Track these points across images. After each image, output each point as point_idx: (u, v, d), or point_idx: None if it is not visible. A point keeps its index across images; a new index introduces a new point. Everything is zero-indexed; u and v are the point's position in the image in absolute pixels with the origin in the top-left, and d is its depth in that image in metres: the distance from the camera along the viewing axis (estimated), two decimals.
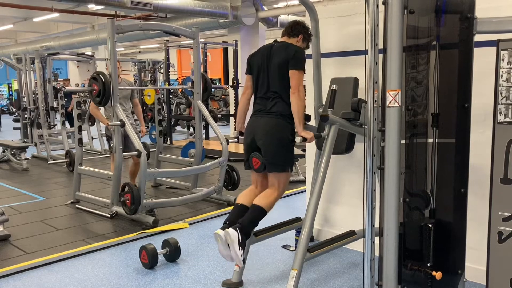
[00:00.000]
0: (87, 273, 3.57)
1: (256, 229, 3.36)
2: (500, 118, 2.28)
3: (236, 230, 2.95)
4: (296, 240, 3.91)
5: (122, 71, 5.18)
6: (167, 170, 6.06)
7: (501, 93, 2.27)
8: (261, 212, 3.08)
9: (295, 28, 3.28)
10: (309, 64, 3.83)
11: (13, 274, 3.57)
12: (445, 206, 2.41)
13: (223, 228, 3.03)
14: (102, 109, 5.37)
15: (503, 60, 2.25)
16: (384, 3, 2.18)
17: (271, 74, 3.15)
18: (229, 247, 2.95)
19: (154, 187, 6.42)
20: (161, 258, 3.72)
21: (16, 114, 11.90)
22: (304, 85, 3.23)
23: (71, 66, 22.29)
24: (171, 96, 11.83)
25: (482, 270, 2.46)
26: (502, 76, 2.26)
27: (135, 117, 6.00)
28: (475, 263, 2.92)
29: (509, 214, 2.27)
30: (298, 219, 3.72)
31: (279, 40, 3.30)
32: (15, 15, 15.23)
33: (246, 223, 3.03)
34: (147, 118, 12.39)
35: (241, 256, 2.97)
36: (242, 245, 2.95)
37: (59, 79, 13.42)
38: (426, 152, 2.38)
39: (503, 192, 2.28)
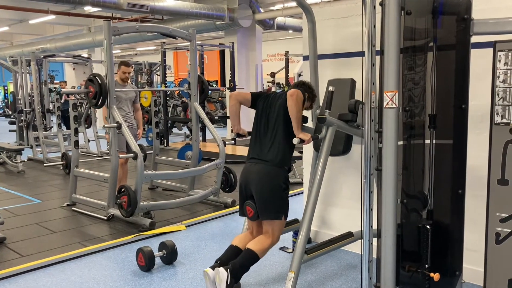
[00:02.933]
0: (84, 276, 3.55)
1: None
2: (497, 119, 2.28)
3: (227, 271, 2.94)
4: (294, 242, 3.90)
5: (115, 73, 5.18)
6: (164, 172, 6.04)
7: (498, 94, 2.27)
8: (253, 258, 3.07)
9: (300, 86, 3.28)
10: (306, 66, 3.84)
11: (9, 277, 3.55)
12: (442, 207, 2.41)
13: (213, 267, 3.02)
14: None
15: (499, 61, 2.26)
16: (381, 4, 2.18)
17: (272, 115, 3.15)
18: (216, 286, 2.94)
19: (150, 189, 6.39)
20: (158, 260, 3.71)
21: (12, 116, 11.84)
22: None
23: (68, 68, 22.22)
24: (167, 98, 11.80)
25: (480, 271, 2.46)
26: (499, 77, 2.26)
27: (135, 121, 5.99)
28: (472, 264, 2.92)
29: (507, 215, 2.27)
30: (295, 221, 3.71)
31: None
32: (11, 17, 15.19)
33: (237, 266, 3.01)
34: (144, 120, 12.36)
35: None
36: (230, 287, 2.93)
37: (55, 81, 13.41)
38: (424, 153, 2.39)
39: (501, 193, 2.28)
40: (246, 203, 3.15)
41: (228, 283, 2.91)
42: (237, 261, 3.04)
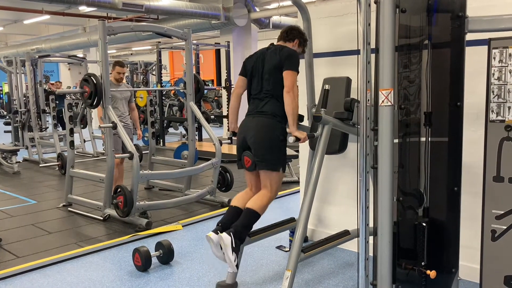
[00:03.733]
0: (80, 277, 3.53)
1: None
2: (492, 116, 2.29)
3: (230, 235, 2.93)
4: (290, 241, 3.90)
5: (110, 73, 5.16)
6: (160, 172, 6.02)
7: (493, 92, 2.28)
8: (254, 216, 3.07)
9: (291, 33, 3.28)
10: (301, 64, 3.82)
11: (5, 278, 3.53)
12: (438, 204, 2.42)
13: (215, 231, 3.02)
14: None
15: (494, 58, 2.26)
16: (376, 2, 2.18)
17: (265, 75, 3.16)
18: (222, 249, 2.94)
19: (147, 189, 6.38)
20: (154, 260, 3.70)
21: (7, 117, 11.79)
22: (297, 86, 3.23)
23: (63, 68, 22.14)
24: (163, 98, 11.79)
25: (476, 268, 2.47)
26: (493, 74, 2.27)
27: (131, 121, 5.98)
28: (468, 261, 2.93)
29: (502, 212, 2.28)
30: (292, 220, 3.71)
31: (275, 44, 3.30)
32: (5, 18, 15.11)
33: (240, 227, 3.01)
34: (140, 120, 12.33)
35: (235, 261, 2.95)
36: (236, 250, 2.94)
37: (50, 82, 13.35)
38: (419, 151, 2.39)
39: (496, 190, 2.29)
40: (244, 153, 3.17)
41: (234, 245, 2.92)
42: (239, 222, 3.03)
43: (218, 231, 2.99)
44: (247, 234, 3.11)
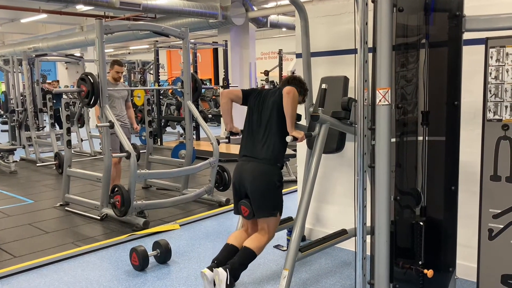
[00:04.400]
0: (77, 276, 3.53)
1: None
2: (489, 115, 2.29)
3: (226, 271, 2.93)
4: (288, 240, 3.90)
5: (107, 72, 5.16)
6: (157, 171, 6.02)
7: (490, 91, 2.28)
8: (251, 255, 3.07)
9: (292, 82, 3.26)
10: (299, 63, 3.83)
11: (1, 278, 3.52)
12: (435, 204, 2.42)
13: (210, 268, 3.01)
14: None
15: (491, 57, 2.26)
16: (373, 1, 2.18)
17: (265, 112, 3.14)
18: (215, 286, 2.92)
19: (144, 188, 6.37)
20: (151, 260, 3.69)
21: (4, 116, 11.76)
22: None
23: (60, 67, 22.09)
24: (161, 97, 11.76)
25: (473, 267, 2.47)
26: (491, 73, 2.27)
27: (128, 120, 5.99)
28: (466, 260, 2.93)
29: (499, 211, 2.28)
30: (289, 219, 3.71)
31: None
32: (2, 16, 15.07)
33: (236, 265, 3.01)
34: (137, 119, 12.31)
35: None
36: (229, 287, 2.93)
37: (47, 81, 13.31)
38: (416, 150, 2.39)
39: (493, 189, 2.29)
40: (241, 203, 3.15)
41: (228, 283, 2.91)
42: (235, 260, 3.03)
43: (214, 268, 2.98)
44: (241, 272, 3.07)
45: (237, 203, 3.21)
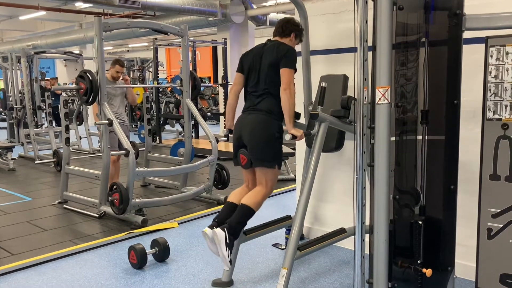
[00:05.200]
0: (75, 274, 3.52)
1: (246, 227, 3.35)
2: (489, 114, 2.29)
3: (224, 231, 2.93)
4: (287, 239, 3.89)
5: (107, 70, 5.15)
6: (156, 169, 6.01)
7: (489, 90, 2.28)
8: (248, 212, 3.07)
9: (286, 28, 3.25)
10: (298, 62, 3.81)
11: None
12: (434, 203, 2.41)
13: (211, 226, 3.02)
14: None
15: (491, 56, 2.26)
16: (373, 0, 2.17)
17: (262, 72, 3.14)
18: (216, 245, 2.94)
19: (143, 186, 6.37)
20: (150, 258, 3.69)
21: (2, 113, 11.74)
22: (294, 84, 3.21)
23: (59, 65, 22.07)
24: (160, 95, 11.75)
25: (472, 267, 2.47)
26: (490, 72, 2.27)
27: (127, 118, 6.00)
28: (464, 259, 2.93)
29: (498, 211, 2.28)
30: (288, 218, 3.71)
31: (271, 39, 3.28)
32: (1, 13, 15.02)
33: (234, 223, 3.01)
34: (136, 117, 12.31)
35: (228, 257, 2.95)
36: (230, 245, 2.93)
37: (46, 78, 13.28)
38: (416, 149, 2.38)
39: (492, 189, 2.29)
40: (240, 151, 3.16)
41: (227, 241, 2.92)
42: (233, 218, 3.03)
43: (214, 227, 2.99)
44: (241, 230, 3.11)
45: (236, 154, 3.20)
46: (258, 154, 3.08)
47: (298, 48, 3.81)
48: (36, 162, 8.24)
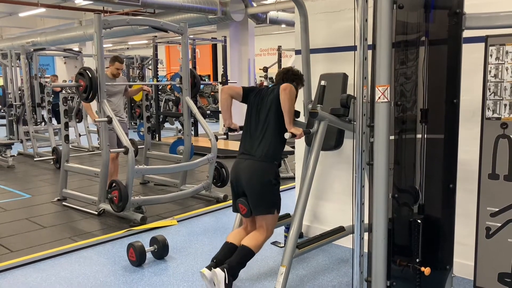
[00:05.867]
0: (74, 271, 3.52)
1: None
2: (488, 114, 2.29)
3: (224, 271, 2.93)
4: (285, 237, 3.90)
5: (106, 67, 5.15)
6: (155, 167, 6.01)
7: (489, 89, 2.28)
8: (249, 253, 3.07)
9: (287, 78, 3.25)
10: (298, 60, 3.82)
11: None
12: (433, 201, 2.42)
13: (209, 267, 3.01)
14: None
15: (491, 56, 2.26)
16: None
17: (263, 110, 3.13)
18: (215, 285, 2.93)
19: (142, 184, 6.37)
20: (149, 255, 3.69)
21: (2, 110, 11.73)
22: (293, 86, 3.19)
23: (58, 62, 22.03)
24: (159, 92, 11.74)
25: (470, 265, 2.48)
26: (490, 72, 2.27)
27: (126, 115, 6.01)
28: (463, 258, 2.94)
29: (497, 210, 2.29)
30: (287, 216, 3.71)
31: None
32: (0, 10, 15.00)
33: (234, 264, 3.01)
34: (135, 115, 12.30)
35: None
36: (228, 286, 2.93)
37: (46, 75, 13.27)
38: (415, 148, 2.38)
39: (491, 188, 2.30)
40: (239, 201, 3.14)
41: (227, 282, 2.91)
42: (233, 259, 3.03)
43: (212, 268, 2.99)
44: (239, 271, 3.08)
45: (235, 201, 3.20)
46: (258, 203, 3.08)
47: (298, 46, 3.82)
48: (35, 159, 8.24)
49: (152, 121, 9.85)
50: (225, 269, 2.93)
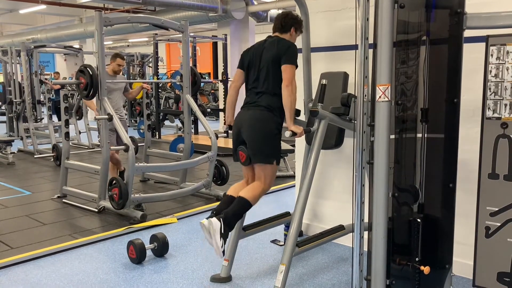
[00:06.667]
0: (74, 268, 3.53)
1: (245, 223, 3.36)
2: (489, 113, 2.30)
3: (220, 220, 2.94)
4: (285, 235, 3.91)
5: (107, 64, 5.15)
6: (155, 165, 6.01)
7: (489, 89, 2.28)
8: (245, 204, 3.07)
9: (286, 23, 3.24)
10: (299, 58, 3.81)
11: None
12: (433, 201, 2.42)
13: (209, 218, 3.02)
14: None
15: (492, 55, 2.26)
16: None
17: (262, 68, 3.14)
18: (211, 235, 2.95)
19: (142, 181, 6.37)
20: (149, 253, 3.70)
21: (2, 107, 11.72)
22: (295, 80, 3.21)
23: (59, 59, 22.01)
24: (159, 90, 11.74)
25: (470, 265, 2.48)
26: (491, 71, 2.27)
27: (125, 113, 6.00)
28: (462, 257, 2.94)
29: (497, 209, 2.29)
30: (287, 214, 3.72)
31: (272, 35, 3.28)
32: (1, 7, 15.00)
33: (230, 214, 3.01)
34: (136, 112, 12.30)
35: (222, 247, 2.95)
36: (224, 236, 2.93)
37: (46, 72, 13.25)
38: (415, 147, 2.39)
39: (491, 187, 2.30)
40: (239, 148, 3.16)
41: (222, 231, 2.92)
42: (229, 209, 3.04)
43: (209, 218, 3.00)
44: (236, 222, 3.09)
45: (235, 150, 3.21)
46: (257, 150, 3.09)
47: (299, 45, 3.81)
48: (35, 156, 8.24)
49: (152, 118, 9.85)
50: (221, 219, 2.95)
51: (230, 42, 11.83)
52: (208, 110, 12.39)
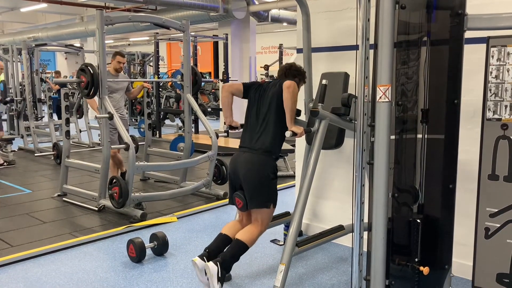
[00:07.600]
0: (74, 267, 3.53)
1: None
2: (489, 114, 2.30)
3: (217, 265, 2.93)
4: (285, 235, 3.91)
5: (108, 64, 5.16)
6: (155, 164, 6.02)
7: (490, 90, 2.28)
8: (243, 247, 3.07)
9: (289, 74, 3.26)
10: (300, 58, 3.82)
11: None
12: (433, 201, 2.42)
13: (201, 257, 3.02)
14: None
15: (492, 57, 2.27)
16: None
17: (264, 103, 3.14)
18: (206, 275, 2.94)
19: (142, 180, 6.38)
20: (148, 252, 3.70)
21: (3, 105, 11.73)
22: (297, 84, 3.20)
23: (60, 57, 22.03)
24: (160, 89, 11.74)
25: (469, 265, 2.48)
26: (491, 73, 2.27)
27: (126, 112, 6.01)
28: (462, 258, 2.95)
29: (496, 210, 2.29)
30: (287, 214, 3.72)
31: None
32: (2, 5, 14.99)
33: (227, 257, 3.01)
34: (136, 111, 12.30)
35: None
36: (221, 280, 2.93)
37: (47, 71, 13.26)
38: (415, 148, 2.39)
39: (491, 188, 2.30)
40: (235, 195, 3.15)
41: (219, 275, 2.92)
42: (227, 252, 3.04)
43: (205, 257, 3.00)
44: (232, 265, 3.08)
45: (232, 194, 3.21)
46: (253, 196, 3.07)
47: (299, 44, 3.82)
48: (36, 154, 8.24)
49: (152, 118, 9.86)
50: (218, 263, 2.94)
51: (231, 41, 11.83)
52: (209, 109, 12.40)
